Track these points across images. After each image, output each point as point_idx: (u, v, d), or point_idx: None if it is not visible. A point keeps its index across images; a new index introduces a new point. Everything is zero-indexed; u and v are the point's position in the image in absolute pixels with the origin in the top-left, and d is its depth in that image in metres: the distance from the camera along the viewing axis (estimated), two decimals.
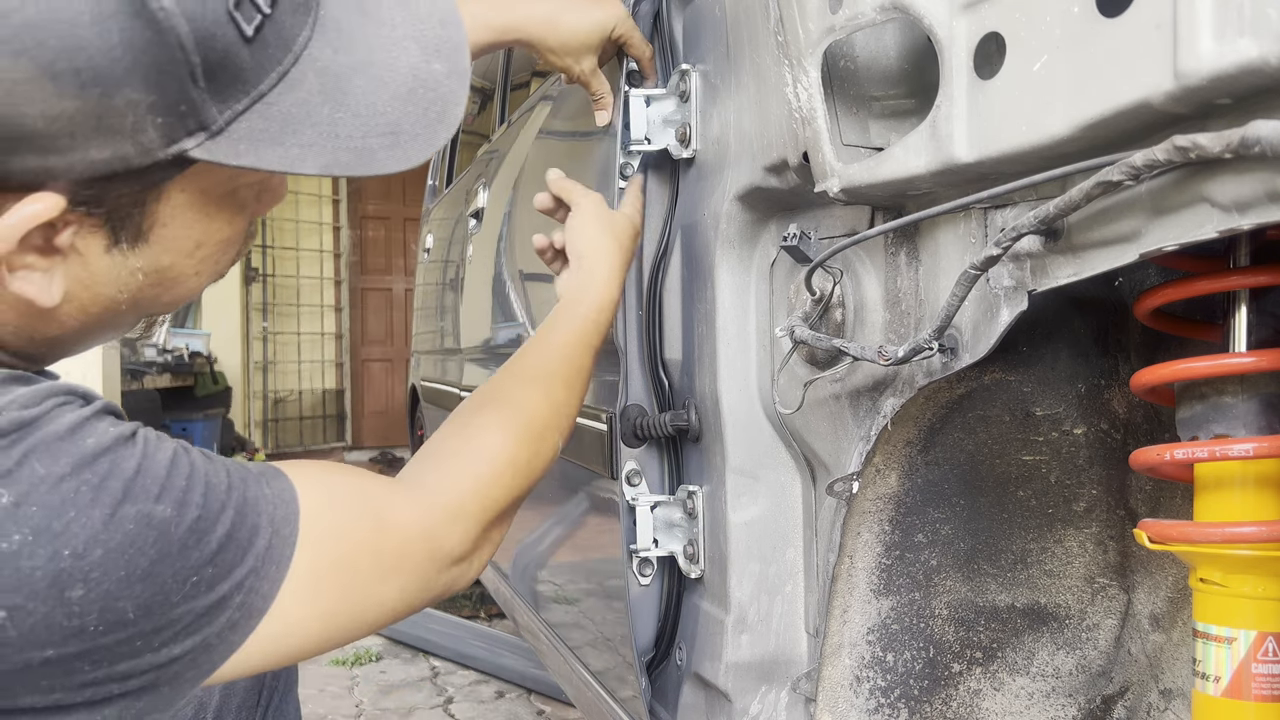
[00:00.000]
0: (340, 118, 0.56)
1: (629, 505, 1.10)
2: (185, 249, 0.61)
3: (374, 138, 0.56)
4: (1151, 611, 0.92)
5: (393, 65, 0.58)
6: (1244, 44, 0.43)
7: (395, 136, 0.57)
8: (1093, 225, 0.57)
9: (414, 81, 0.58)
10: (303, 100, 0.55)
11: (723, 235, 0.99)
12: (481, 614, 3.24)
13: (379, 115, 0.57)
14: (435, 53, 0.60)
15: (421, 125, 0.58)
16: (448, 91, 0.60)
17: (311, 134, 0.55)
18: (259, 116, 0.54)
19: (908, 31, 0.76)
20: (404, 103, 0.58)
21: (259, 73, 0.54)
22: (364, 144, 0.56)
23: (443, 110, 0.59)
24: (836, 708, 0.87)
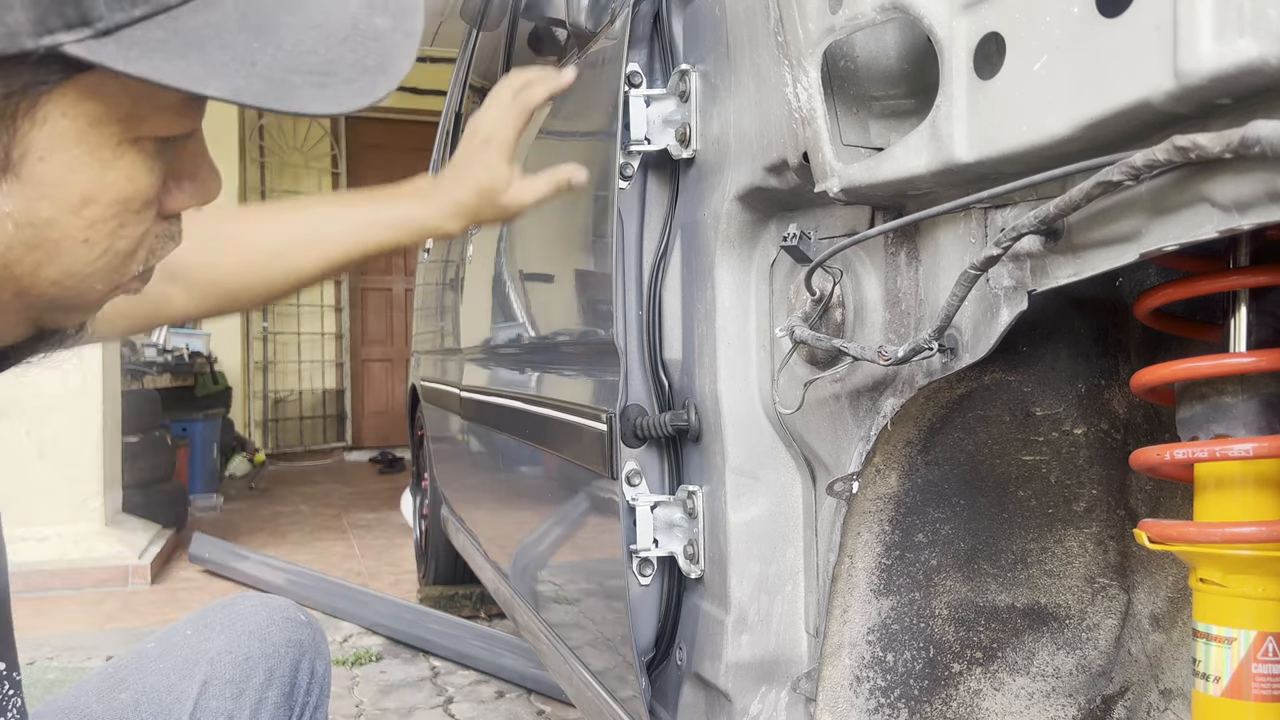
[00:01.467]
0: (259, 47, 0.48)
1: (629, 505, 1.10)
2: (69, 201, 0.51)
3: (298, 75, 0.49)
4: (1151, 611, 0.92)
5: (328, 9, 0.51)
6: (1244, 44, 0.43)
7: (325, 78, 0.49)
8: (1093, 225, 0.57)
9: (352, 29, 0.51)
10: (215, 22, 0.47)
11: (723, 235, 0.99)
12: (481, 614, 3.24)
13: (307, 54, 0.49)
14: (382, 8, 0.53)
15: (358, 72, 0.50)
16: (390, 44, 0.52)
17: (222, 56, 0.47)
18: (159, 28, 0.46)
19: (908, 31, 0.76)
20: (339, 46, 0.50)
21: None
22: (285, 78, 0.48)
23: (383, 61, 0.51)
24: (836, 708, 0.87)
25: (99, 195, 0.51)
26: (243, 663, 0.90)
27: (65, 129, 0.49)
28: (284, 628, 0.94)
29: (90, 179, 0.51)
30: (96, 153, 0.50)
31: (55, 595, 3.57)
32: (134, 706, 0.86)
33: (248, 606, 0.95)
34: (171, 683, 0.88)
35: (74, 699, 0.88)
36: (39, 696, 2.45)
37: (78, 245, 0.52)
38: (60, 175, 0.50)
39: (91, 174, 0.51)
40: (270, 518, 5.20)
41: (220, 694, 0.88)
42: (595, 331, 1.30)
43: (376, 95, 0.50)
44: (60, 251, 0.52)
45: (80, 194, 0.51)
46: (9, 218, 0.50)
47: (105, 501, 3.89)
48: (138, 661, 0.90)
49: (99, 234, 0.53)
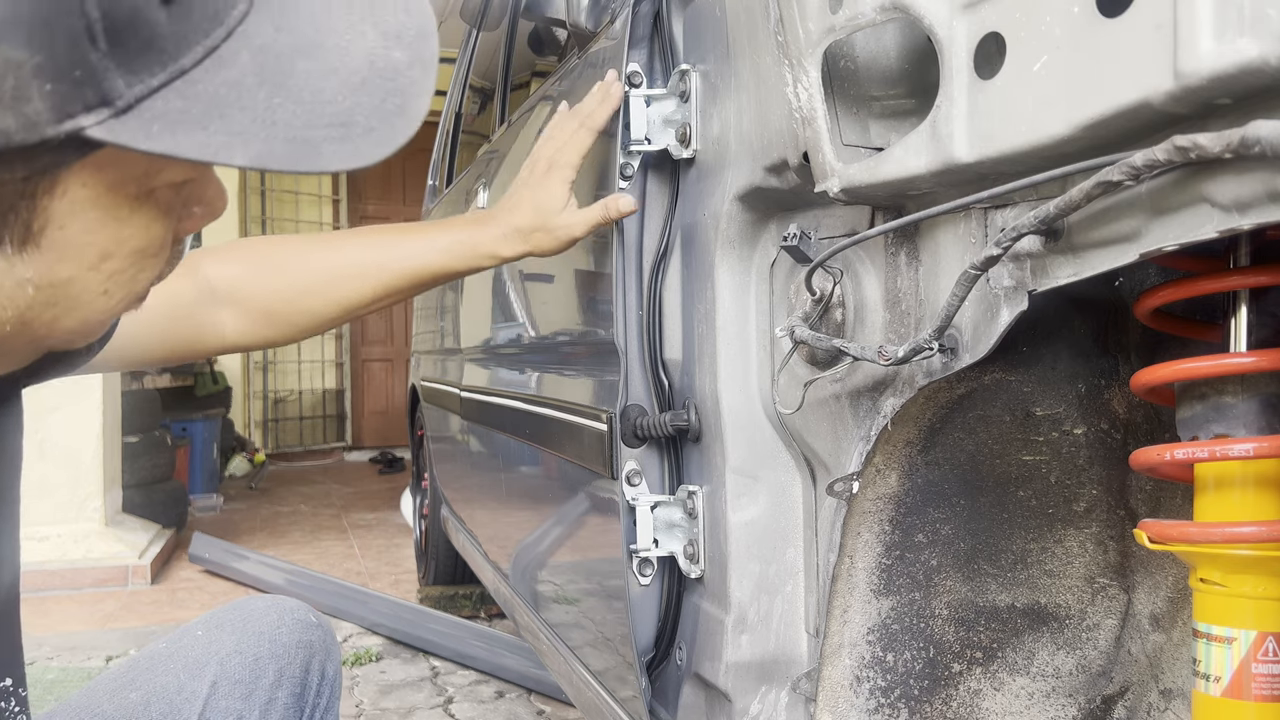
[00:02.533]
0: (279, 103, 0.47)
1: (629, 505, 1.10)
2: (89, 259, 0.51)
3: (319, 129, 0.48)
4: (1151, 611, 0.92)
5: (345, 50, 0.50)
6: (1244, 44, 0.43)
7: (346, 129, 0.48)
8: (1093, 225, 0.57)
9: (369, 70, 0.50)
10: (234, 80, 0.46)
11: (723, 235, 0.99)
12: (481, 614, 3.24)
13: (327, 104, 0.48)
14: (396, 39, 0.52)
15: (378, 118, 0.49)
16: (409, 82, 0.51)
17: (243, 119, 0.46)
18: (178, 95, 0.45)
19: (908, 31, 0.76)
20: (356, 92, 0.49)
21: (180, 43, 0.45)
22: (306, 135, 0.47)
23: (403, 103, 0.50)
24: (836, 708, 0.87)
25: (117, 250, 0.52)
26: (252, 663, 0.90)
27: (84, 197, 0.49)
28: (294, 629, 0.94)
29: (108, 237, 0.51)
30: (113, 211, 0.50)
31: (55, 595, 3.58)
32: (144, 706, 0.87)
33: (259, 607, 0.95)
34: (181, 683, 0.88)
35: (86, 698, 0.88)
36: (39, 696, 2.45)
37: (97, 297, 0.53)
38: (79, 238, 0.50)
39: (110, 232, 0.51)
40: (270, 518, 5.20)
41: (230, 694, 0.88)
42: (595, 331, 1.30)
43: (397, 142, 0.50)
44: (79, 305, 0.53)
45: (99, 252, 0.51)
46: (29, 283, 0.50)
47: (105, 501, 3.89)
48: (148, 661, 0.91)
49: (118, 284, 0.53)
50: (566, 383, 1.47)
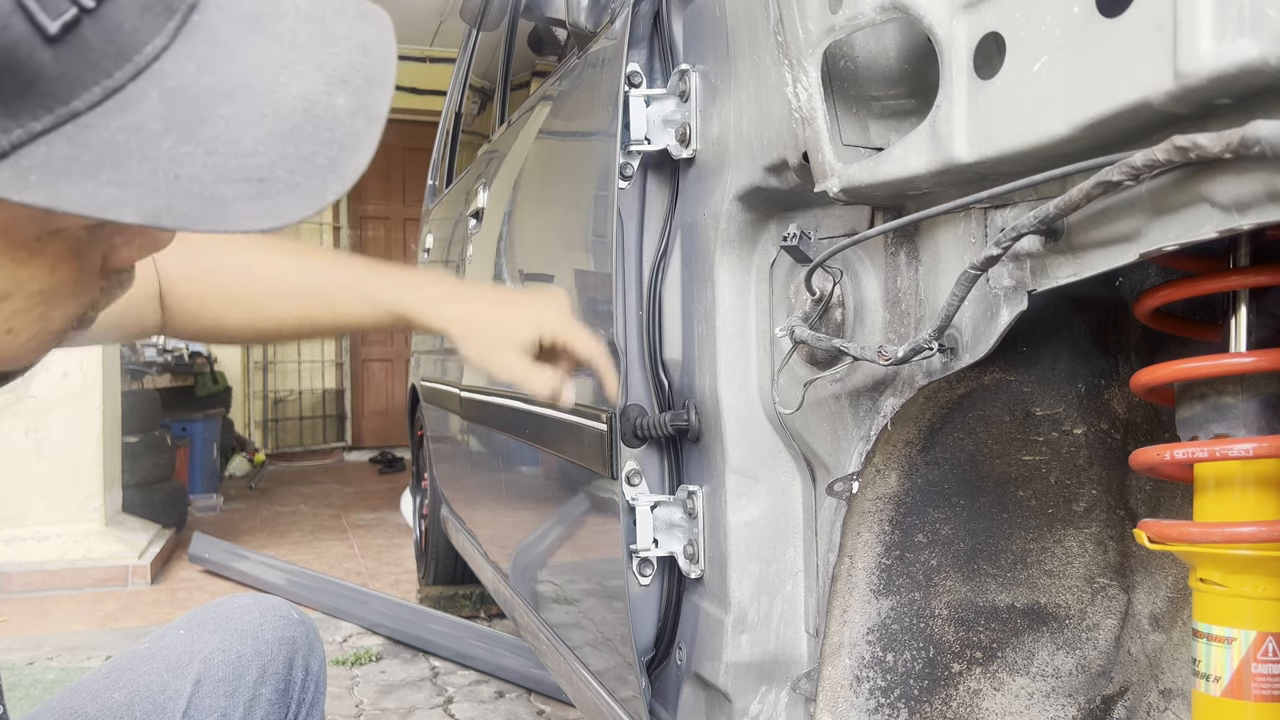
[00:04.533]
0: (186, 153, 0.42)
1: (629, 505, 1.10)
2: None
3: (231, 184, 0.43)
4: (1151, 611, 0.92)
5: (277, 94, 0.45)
6: (1244, 44, 0.43)
7: (263, 185, 0.43)
8: (1093, 225, 0.57)
9: (303, 117, 0.45)
10: (136, 126, 0.42)
11: (723, 235, 0.99)
12: (481, 614, 3.24)
13: (244, 156, 0.43)
14: (342, 83, 0.46)
15: (304, 174, 0.44)
16: (347, 133, 0.45)
17: (140, 170, 0.41)
18: (66, 141, 0.41)
19: (908, 31, 0.76)
20: (283, 142, 0.44)
21: (71, 85, 0.41)
22: (214, 190, 0.42)
23: (336, 156, 0.45)
24: (836, 708, 0.87)
25: (16, 290, 0.48)
26: (235, 661, 0.90)
27: None
28: (276, 626, 0.94)
29: (4, 278, 0.47)
30: (8, 253, 0.46)
31: (55, 595, 3.57)
32: (128, 705, 0.87)
33: (240, 605, 0.95)
34: (165, 681, 0.88)
35: (70, 699, 0.88)
36: (38, 696, 2.45)
37: (1, 336, 0.49)
38: None
39: (5, 273, 0.47)
40: (270, 518, 5.20)
41: (214, 692, 0.88)
42: (595, 331, 1.30)
43: (322, 202, 0.44)
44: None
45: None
46: None
47: (105, 501, 3.89)
48: (131, 661, 0.91)
49: (23, 323, 0.50)
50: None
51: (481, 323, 0.93)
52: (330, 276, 0.92)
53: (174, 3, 0.44)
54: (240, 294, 0.90)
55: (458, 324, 0.92)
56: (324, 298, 0.91)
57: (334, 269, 0.93)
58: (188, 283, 0.88)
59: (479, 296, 0.95)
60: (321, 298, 0.91)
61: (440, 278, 0.96)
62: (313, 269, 0.92)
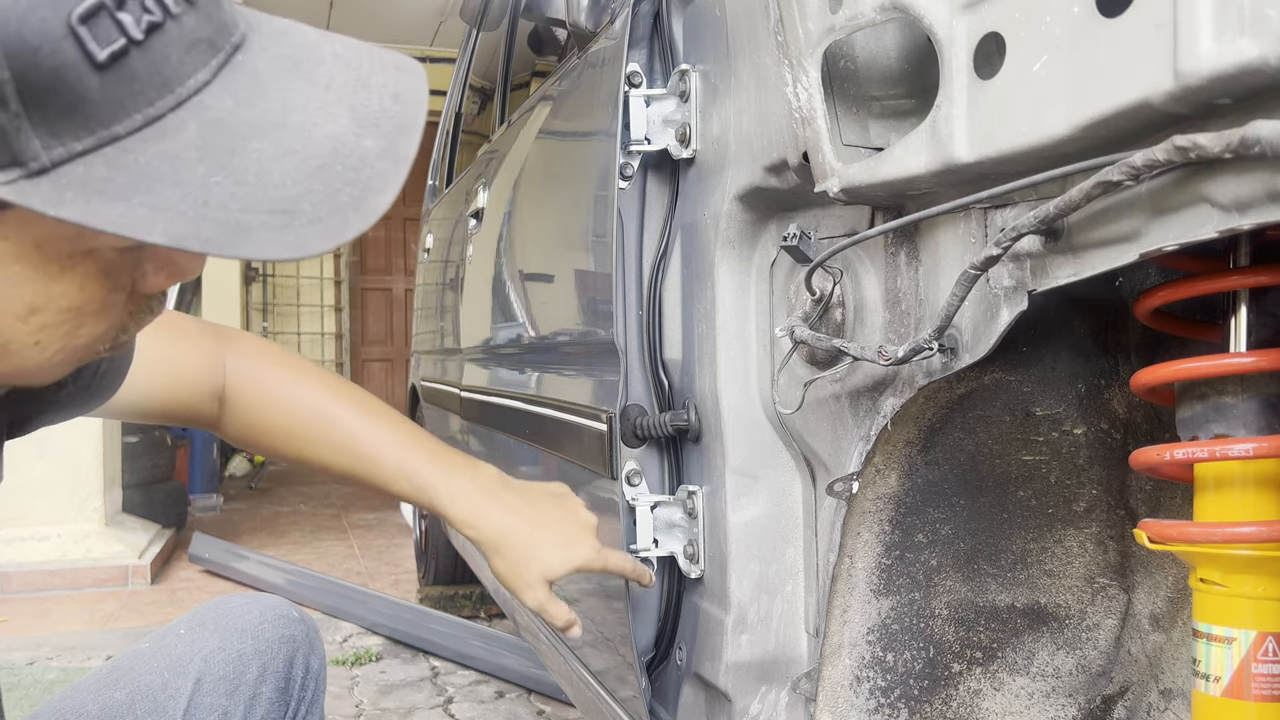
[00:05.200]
0: (216, 182, 0.44)
1: (629, 505, 1.10)
2: (15, 311, 0.49)
3: (257, 214, 0.44)
4: (1151, 611, 0.92)
5: (309, 132, 0.47)
6: (1244, 44, 0.43)
7: (288, 216, 0.45)
8: (1093, 225, 0.57)
9: (331, 155, 0.47)
10: (172, 153, 0.44)
11: (723, 235, 0.99)
12: (481, 614, 3.24)
13: (272, 189, 0.45)
14: (373, 126, 0.49)
15: (327, 209, 0.46)
16: (373, 174, 0.47)
17: (171, 195, 0.43)
18: (105, 163, 0.43)
19: (908, 31, 0.76)
20: (310, 178, 0.46)
21: (113, 109, 0.43)
22: (240, 219, 0.44)
23: (360, 195, 0.47)
24: (836, 708, 0.87)
25: (46, 305, 0.50)
26: (236, 660, 0.90)
27: (5, 250, 0.47)
28: (276, 624, 0.94)
29: (35, 292, 0.49)
30: (42, 268, 0.48)
31: (55, 595, 3.58)
32: (129, 705, 0.87)
33: (240, 605, 0.96)
34: (166, 681, 0.88)
35: (70, 699, 0.88)
36: (38, 697, 2.45)
37: (27, 348, 0.51)
38: (2, 290, 0.48)
39: (36, 287, 0.49)
40: (270, 518, 5.20)
41: (214, 691, 0.89)
42: (595, 331, 1.30)
43: (344, 236, 0.46)
44: (10, 352, 0.51)
45: (26, 305, 0.49)
46: None
47: (105, 501, 3.89)
48: (132, 661, 0.91)
49: (51, 337, 0.51)
50: (566, 383, 1.47)
51: (518, 544, 0.95)
52: (385, 447, 0.95)
53: (219, 42, 0.47)
54: (294, 428, 0.94)
55: (493, 540, 0.95)
56: (373, 464, 0.95)
57: (391, 439, 0.96)
58: (251, 397, 0.93)
59: (516, 512, 0.96)
60: (370, 463, 0.95)
61: (482, 475, 0.97)
62: (369, 432, 0.95)
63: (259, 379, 0.93)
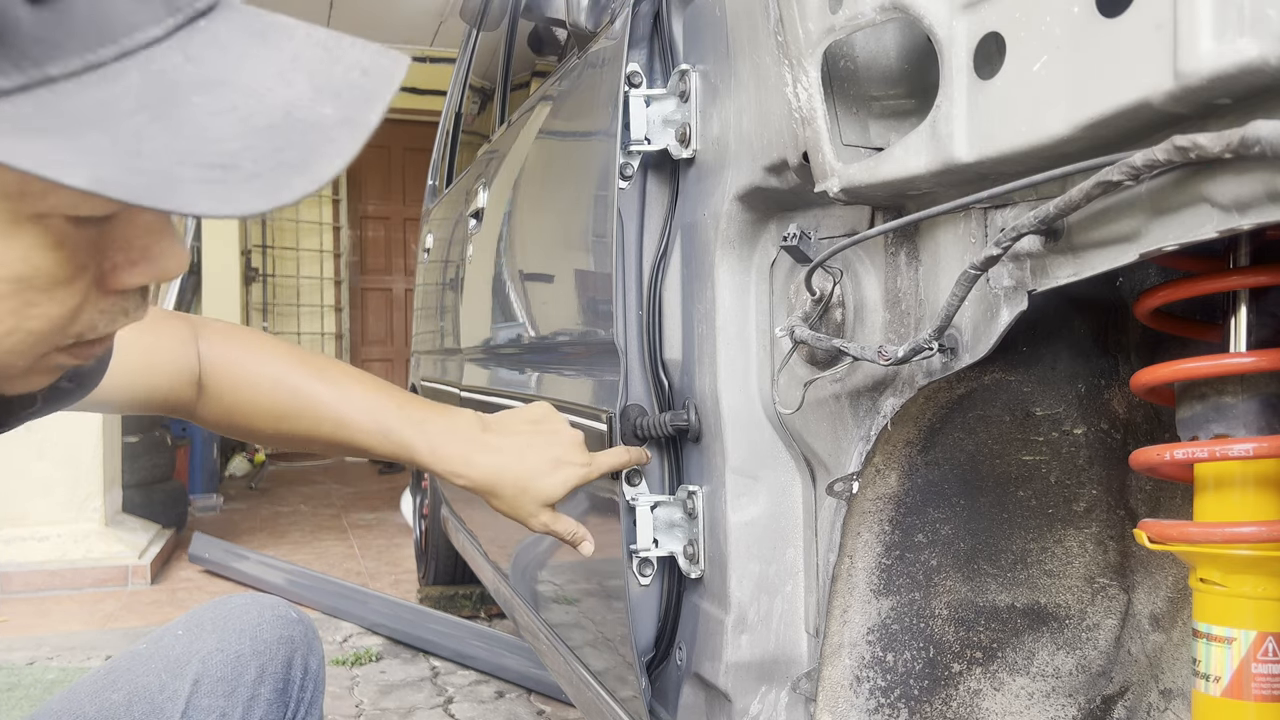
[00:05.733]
0: (152, 132, 0.42)
1: (629, 505, 1.10)
2: None
3: (190, 167, 0.42)
4: (1151, 611, 0.92)
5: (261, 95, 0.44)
6: (1244, 44, 0.43)
7: (224, 171, 0.42)
8: (1093, 225, 0.57)
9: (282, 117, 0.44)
10: (107, 101, 0.42)
11: (723, 235, 0.99)
12: (481, 614, 3.24)
13: (210, 143, 0.42)
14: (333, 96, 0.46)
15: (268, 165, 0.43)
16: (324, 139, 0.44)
17: (101, 141, 0.41)
18: (33, 103, 0.41)
19: (908, 31, 0.76)
20: (254, 134, 0.43)
21: (47, 49, 0.41)
22: (171, 170, 0.41)
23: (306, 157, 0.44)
24: (836, 708, 0.87)
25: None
26: (234, 661, 0.90)
27: None
28: (275, 625, 0.94)
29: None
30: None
31: (55, 595, 3.58)
32: (126, 706, 0.87)
33: (238, 605, 0.96)
34: (163, 682, 0.88)
35: (68, 700, 0.88)
36: (39, 697, 2.45)
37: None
38: None
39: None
40: (270, 518, 5.20)
41: (212, 692, 0.88)
42: (595, 331, 1.30)
43: (283, 197, 0.43)
44: None
45: None
46: None
47: (105, 501, 3.89)
48: (130, 662, 0.91)
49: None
50: (566, 383, 1.47)
51: (510, 481, 0.97)
52: (362, 413, 0.96)
53: (178, 2, 0.44)
54: (273, 407, 0.94)
55: (484, 484, 0.97)
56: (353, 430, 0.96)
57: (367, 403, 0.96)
58: (227, 381, 0.93)
59: (500, 451, 0.97)
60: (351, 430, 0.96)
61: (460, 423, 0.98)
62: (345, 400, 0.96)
63: (233, 362, 0.93)
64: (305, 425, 0.95)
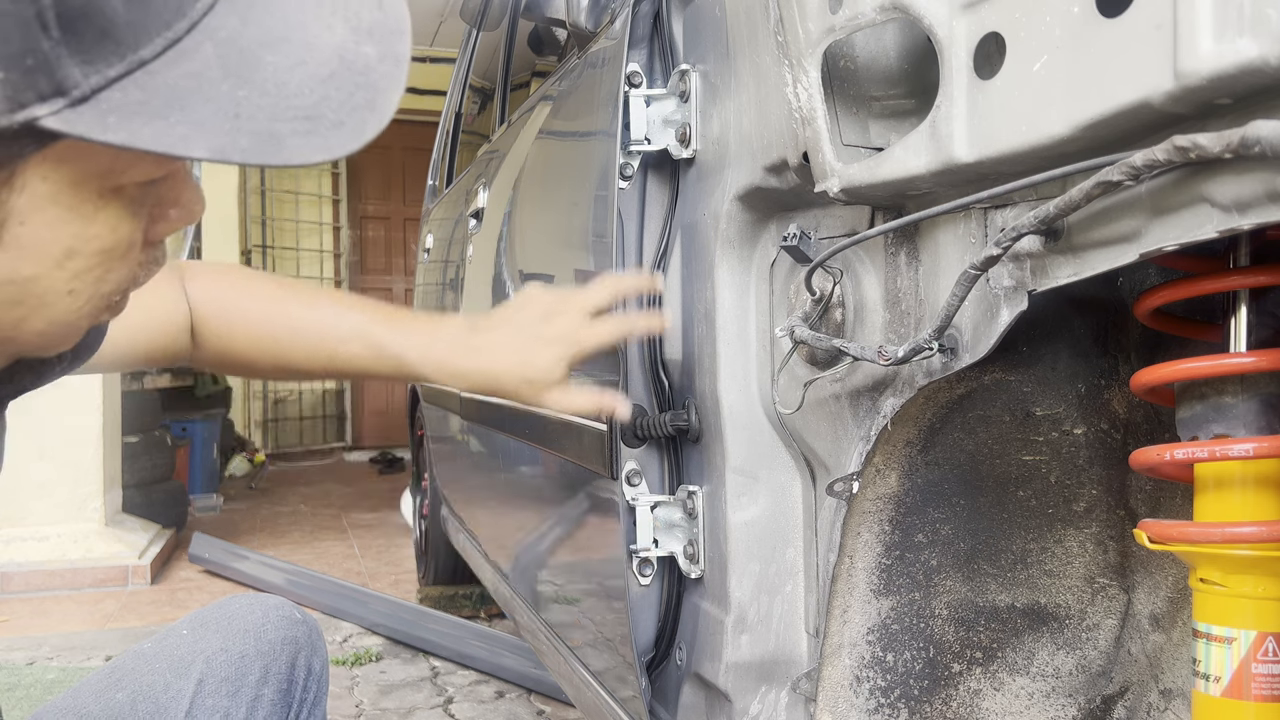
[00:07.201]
0: (244, 95, 0.46)
1: (629, 505, 1.10)
2: (53, 257, 0.50)
3: (284, 122, 0.47)
4: (1151, 611, 0.92)
5: (313, 43, 0.49)
6: (1244, 44, 0.43)
7: (312, 122, 0.47)
8: (1093, 225, 0.57)
9: (339, 63, 0.49)
10: (196, 72, 0.45)
11: (723, 235, 0.99)
12: (481, 614, 3.24)
13: (293, 97, 0.47)
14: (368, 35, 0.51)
15: (346, 111, 0.49)
16: (379, 77, 0.50)
17: (205, 111, 0.45)
18: (137, 87, 0.44)
19: (908, 31, 0.76)
20: (325, 85, 0.48)
21: (138, 33, 0.44)
22: (271, 128, 0.46)
23: (372, 97, 0.49)
24: (836, 708, 0.87)
25: (82, 248, 0.50)
26: (238, 661, 0.90)
27: (45, 191, 0.47)
28: (279, 626, 0.94)
29: (73, 234, 0.50)
30: (78, 209, 0.49)
31: (55, 595, 3.58)
32: (130, 706, 0.87)
33: (243, 606, 0.96)
34: (168, 682, 0.88)
35: (72, 699, 0.88)
36: (39, 697, 2.45)
37: (62, 297, 0.52)
38: (42, 234, 0.49)
39: (74, 229, 0.49)
40: (270, 518, 5.20)
41: (216, 692, 0.89)
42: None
43: (366, 136, 0.49)
44: (45, 304, 0.51)
45: (64, 249, 0.50)
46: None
47: (105, 501, 3.89)
48: (134, 661, 0.91)
49: (84, 283, 0.52)
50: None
51: (509, 376, 0.94)
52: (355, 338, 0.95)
53: None
54: (267, 342, 0.95)
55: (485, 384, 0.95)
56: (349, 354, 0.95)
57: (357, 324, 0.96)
58: (218, 320, 0.93)
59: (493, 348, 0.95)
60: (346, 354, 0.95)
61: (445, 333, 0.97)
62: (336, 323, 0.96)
63: (223, 303, 0.94)
64: (301, 355, 0.95)
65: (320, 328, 0.95)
